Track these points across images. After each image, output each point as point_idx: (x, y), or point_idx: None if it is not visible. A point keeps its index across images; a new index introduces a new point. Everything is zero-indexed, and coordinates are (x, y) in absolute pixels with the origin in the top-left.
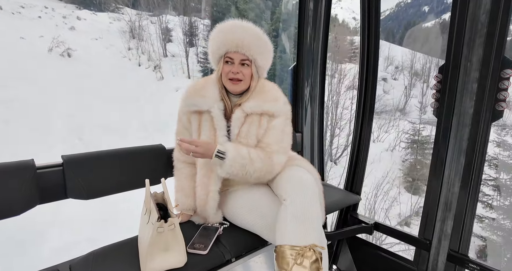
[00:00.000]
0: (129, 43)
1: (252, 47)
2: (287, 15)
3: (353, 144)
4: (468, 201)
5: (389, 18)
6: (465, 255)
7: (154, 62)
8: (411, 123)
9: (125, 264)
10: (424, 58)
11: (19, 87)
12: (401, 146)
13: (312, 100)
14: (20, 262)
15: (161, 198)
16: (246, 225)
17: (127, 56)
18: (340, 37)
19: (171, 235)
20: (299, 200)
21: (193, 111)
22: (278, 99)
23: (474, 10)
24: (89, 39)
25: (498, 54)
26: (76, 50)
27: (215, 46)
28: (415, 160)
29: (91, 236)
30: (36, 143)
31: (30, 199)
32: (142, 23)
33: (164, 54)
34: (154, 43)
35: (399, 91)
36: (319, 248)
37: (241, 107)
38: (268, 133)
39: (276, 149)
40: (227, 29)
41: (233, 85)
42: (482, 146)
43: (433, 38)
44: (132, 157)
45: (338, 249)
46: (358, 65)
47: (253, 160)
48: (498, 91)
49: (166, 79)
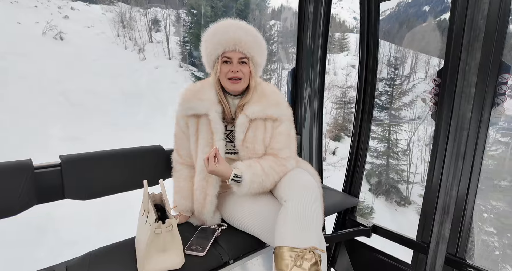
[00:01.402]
0: (118, 31)
1: (249, 45)
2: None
3: (352, 147)
4: (466, 204)
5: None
6: (463, 258)
7: (139, 46)
8: (339, 88)
9: (122, 265)
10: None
11: (14, 59)
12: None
13: (311, 102)
14: (16, 263)
15: (159, 199)
16: (244, 227)
17: (116, 41)
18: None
19: (169, 236)
20: (300, 201)
21: (191, 115)
22: (280, 103)
23: (472, 14)
24: (81, 26)
25: (496, 59)
26: (67, 34)
27: (211, 47)
28: (341, 117)
29: (88, 237)
30: (29, 100)
31: (28, 199)
32: (132, 15)
33: (150, 40)
34: (141, 31)
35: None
36: (319, 250)
37: (244, 113)
38: (276, 139)
39: (288, 154)
40: (222, 29)
41: (233, 85)
42: (481, 149)
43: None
44: (131, 158)
45: (336, 252)
46: (357, 67)
47: (268, 174)
48: (496, 95)
49: (148, 60)
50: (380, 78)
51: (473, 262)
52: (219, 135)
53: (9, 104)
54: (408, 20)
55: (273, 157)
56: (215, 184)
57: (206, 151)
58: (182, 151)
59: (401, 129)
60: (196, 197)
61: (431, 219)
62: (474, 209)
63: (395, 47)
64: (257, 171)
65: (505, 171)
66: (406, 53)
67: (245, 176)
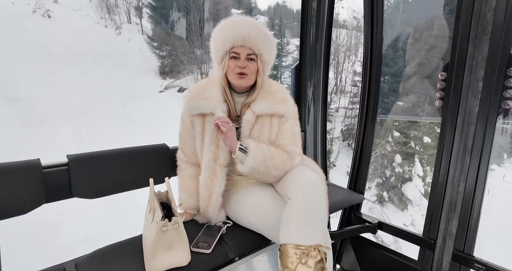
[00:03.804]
0: (101, 14)
1: (258, 42)
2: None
3: (357, 144)
4: (474, 200)
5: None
6: (471, 254)
7: (117, 25)
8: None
9: (130, 263)
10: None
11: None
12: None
13: (315, 100)
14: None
15: (165, 197)
16: (249, 224)
17: (98, 22)
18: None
19: (175, 234)
20: (305, 199)
21: (196, 114)
22: (287, 100)
23: (479, 7)
24: (69, 9)
25: (504, 52)
26: (54, 12)
27: (219, 42)
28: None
29: (96, 235)
30: (18, 57)
31: (36, 198)
32: (117, 2)
33: (129, 21)
34: (121, 13)
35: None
36: (324, 248)
37: (251, 109)
38: (281, 135)
39: (293, 149)
40: (231, 24)
41: (240, 80)
42: (488, 145)
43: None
44: (136, 156)
45: (342, 249)
46: (362, 67)
47: (274, 156)
48: (504, 89)
49: (123, 35)
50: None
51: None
52: None
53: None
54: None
55: (280, 149)
56: (221, 183)
57: (212, 150)
58: (187, 150)
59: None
60: (202, 195)
61: (438, 215)
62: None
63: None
64: (264, 148)
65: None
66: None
67: (251, 147)
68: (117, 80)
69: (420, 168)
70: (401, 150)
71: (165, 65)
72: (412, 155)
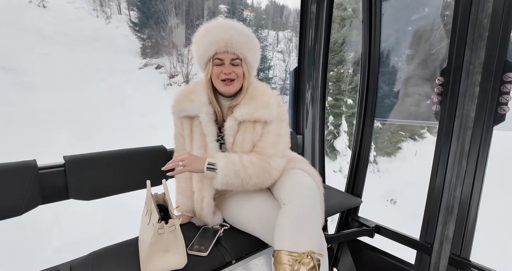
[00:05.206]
0: (93, 6)
1: (242, 45)
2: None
3: (354, 147)
4: (470, 205)
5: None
6: (467, 259)
7: (107, 15)
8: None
9: (126, 265)
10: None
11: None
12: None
13: (313, 102)
14: (21, 262)
15: (162, 199)
16: (246, 228)
17: (90, 13)
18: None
19: (172, 237)
20: (299, 205)
21: (184, 116)
22: (269, 105)
23: (476, 13)
24: (63, 2)
25: (500, 58)
26: (49, 2)
27: (201, 48)
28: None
29: (92, 237)
30: (12, 38)
31: (32, 199)
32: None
33: (119, 12)
34: (112, 6)
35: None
36: (317, 255)
37: (233, 115)
38: (263, 137)
39: (272, 152)
40: (213, 30)
41: (226, 87)
42: (485, 149)
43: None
44: (134, 158)
45: (339, 252)
46: (360, 69)
47: (246, 166)
48: (500, 94)
49: (112, 24)
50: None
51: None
52: (211, 137)
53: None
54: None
55: (256, 154)
56: (211, 186)
57: (201, 154)
58: (181, 152)
59: None
60: (195, 199)
61: (435, 219)
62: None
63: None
64: (234, 161)
65: None
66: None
67: (220, 163)
68: (103, 59)
69: (345, 125)
70: (333, 111)
71: (146, 46)
72: (340, 115)
